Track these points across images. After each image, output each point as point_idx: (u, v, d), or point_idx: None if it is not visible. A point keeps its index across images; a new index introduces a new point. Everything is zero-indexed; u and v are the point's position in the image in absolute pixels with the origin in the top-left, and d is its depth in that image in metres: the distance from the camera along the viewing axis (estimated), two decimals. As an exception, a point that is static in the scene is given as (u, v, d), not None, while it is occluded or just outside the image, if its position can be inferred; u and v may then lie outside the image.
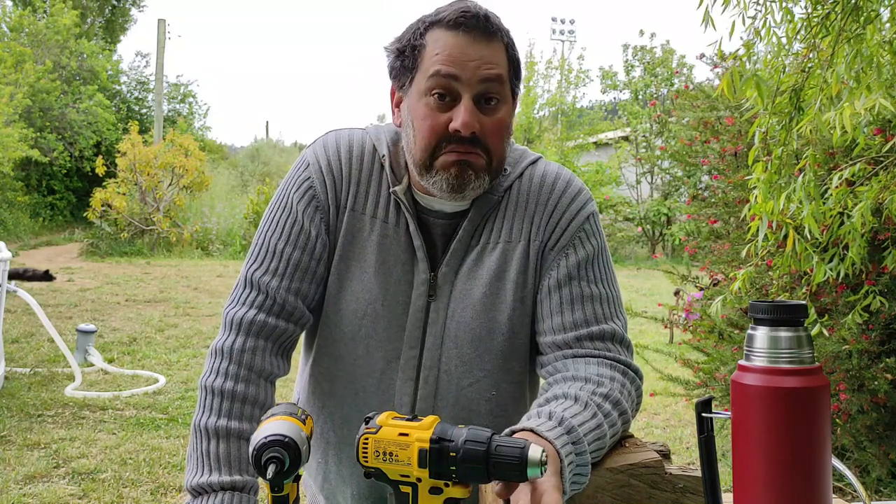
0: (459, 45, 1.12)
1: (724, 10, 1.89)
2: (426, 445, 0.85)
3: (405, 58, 1.16)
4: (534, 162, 1.28)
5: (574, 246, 1.22)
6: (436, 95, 1.13)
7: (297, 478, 0.94)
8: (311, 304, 1.23)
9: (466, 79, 1.11)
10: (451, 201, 1.19)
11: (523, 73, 1.25)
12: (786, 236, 2.15)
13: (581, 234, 1.23)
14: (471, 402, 1.23)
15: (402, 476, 0.87)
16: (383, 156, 1.24)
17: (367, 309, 1.21)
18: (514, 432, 0.97)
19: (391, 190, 1.22)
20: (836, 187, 2.17)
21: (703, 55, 4.32)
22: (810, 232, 2.00)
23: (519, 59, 1.19)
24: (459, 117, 1.11)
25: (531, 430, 0.96)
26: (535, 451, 0.83)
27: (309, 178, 1.24)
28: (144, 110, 23.15)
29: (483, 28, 1.12)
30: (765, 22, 1.90)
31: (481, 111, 1.13)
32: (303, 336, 1.34)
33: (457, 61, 1.11)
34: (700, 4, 1.88)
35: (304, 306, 1.21)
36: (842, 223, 2.21)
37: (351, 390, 1.25)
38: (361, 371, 1.24)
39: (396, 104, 1.22)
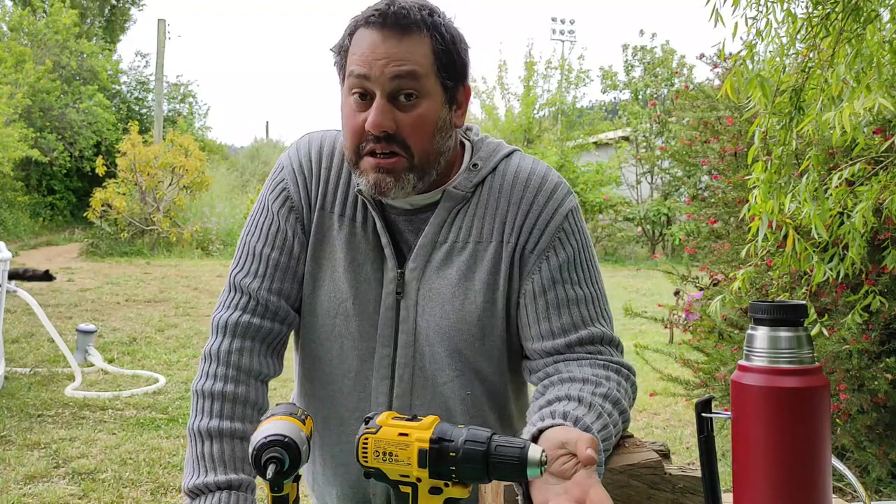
0: (371, 44, 1.12)
1: (734, 11, 1.89)
2: (426, 445, 0.85)
3: (338, 58, 1.18)
4: (508, 155, 1.25)
5: (554, 248, 1.19)
6: (356, 95, 1.13)
7: (297, 478, 0.94)
8: (294, 303, 1.25)
9: (376, 77, 1.11)
10: (377, 197, 1.19)
11: (469, 61, 1.19)
12: (786, 236, 2.15)
13: (560, 235, 1.20)
14: (447, 401, 1.22)
15: (402, 476, 0.87)
16: None
17: (339, 308, 1.22)
18: (541, 431, 0.96)
19: (356, 189, 1.22)
20: (836, 187, 2.17)
21: (703, 55, 4.33)
22: (817, 232, 2.00)
23: (452, 47, 1.15)
24: (370, 117, 1.12)
25: (564, 425, 0.96)
26: (534, 452, 0.83)
27: (283, 179, 1.26)
28: (144, 110, 23.13)
29: (393, 24, 1.11)
30: (767, 22, 1.90)
31: (399, 108, 1.12)
32: (294, 338, 1.35)
33: (367, 60, 1.11)
34: (708, 2, 1.87)
35: (287, 306, 1.23)
36: (842, 223, 2.21)
37: (329, 390, 1.26)
38: (338, 371, 1.24)
39: None
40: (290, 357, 1.31)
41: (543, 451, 0.84)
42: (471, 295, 1.20)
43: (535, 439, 0.95)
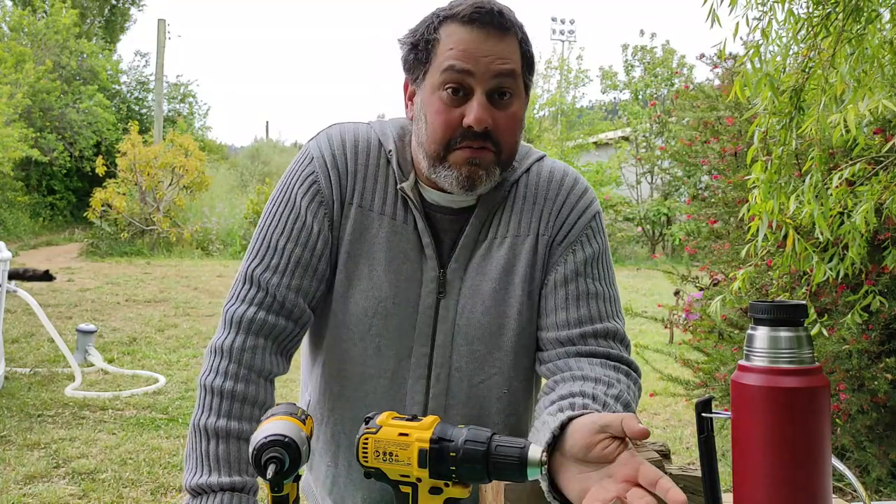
0: (474, 41, 1.12)
1: (731, 11, 1.89)
2: (426, 445, 0.85)
3: (419, 51, 1.16)
4: (539, 159, 1.29)
5: (581, 243, 1.23)
6: (449, 90, 1.12)
7: (297, 478, 0.94)
8: (311, 301, 1.21)
9: (480, 74, 1.12)
10: (460, 196, 1.19)
11: (536, 66, 1.25)
12: (786, 236, 2.15)
13: (588, 232, 1.24)
14: (482, 401, 1.22)
15: (402, 476, 0.87)
16: (390, 151, 1.22)
17: (378, 307, 1.20)
18: (570, 419, 0.93)
19: (399, 186, 1.21)
20: (836, 187, 2.17)
21: (703, 55, 4.32)
22: (821, 232, 2.00)
23: (532, 53, 1.19)
24: (472, 112, 1.11)
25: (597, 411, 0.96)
26: (534, 452, 0.83)
27: (313, 172, 1.22)
28: (144, 110, 23.14)
29: (497, 23, 1.12)
30: (769, 23, 1.90)
31: (494, 105, 1.13)
32: (307, 336, 1.33)
33: (471, 56, 1.11)
34: (705, 2, 1.87)
35: (305, 304, 1.20)
36: (842, 223, 2.21)
37: (361, 391, 1.23)
38: (372, 371, 1.22)
39: (409, 97, 1.22)
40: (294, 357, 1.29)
41: (543, 451, 0.84)
42: (511, 289, 1.21)
43: (562, 427, 0.93)
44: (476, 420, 1.22)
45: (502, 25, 1.13)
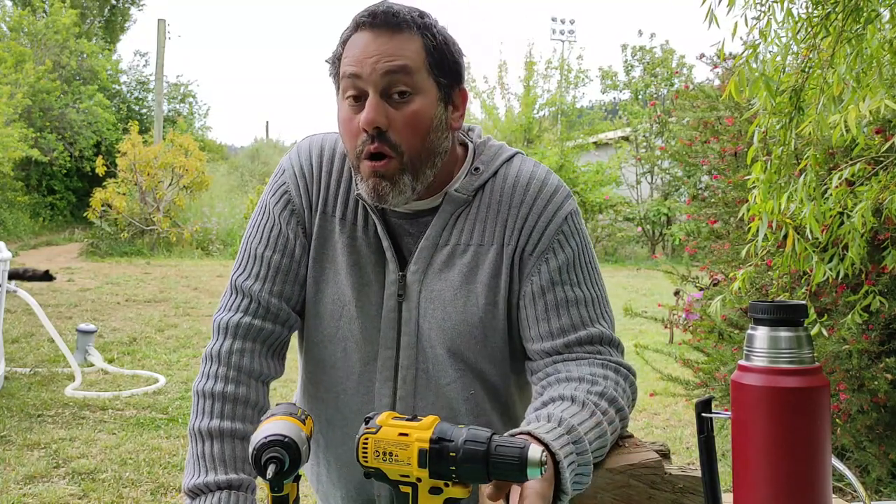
0: (362, 44, 1.12)
1: (728, 11, 1.88)
2: (426, 445, 0.85)
3: (333, 67, 1.19)
4: (509, 159, 1.25)
5: (554, 250, 1.20)
6: (350, 98, 1.14)
7: (298, 478, 0.94)
8: (295, 305, 1.25)
9: (367, 75, 1.11)
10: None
11: (465, 60, 1.20)
12: (786, 236, 2.15)
13: (560, 237, 1.20)
14: (450, 402, 1.23)
15: (402, 476, 0.87)
16: None
17: (343, 311, 1.23)
18: (512, 436, 0.97)
19: (356, 193, 1.22)
20: (836, 187, 2.17)
21: (702, 55, 4.33)
22: (811, 232, 2.00)
23: (444, 46, 1.15)
24: (363, 114, 1.12)
25: (528, 433, 0.96)
26: (534, 452, 0.83)
27: (284, 183, 1.26)
28: (144, 110, 23.13)
29: (384, 22, 1.12)
30: (768, 22, 1.90)
31: (391, 105, 1.12)
32: (297, 340, 1.35)
33: (358, 60, 1.12)
34: (703, 3, 1.87)
35: (288, 308, 1.24)
36: (842, 223, 2.21)
37: (332, 392, 1.27)
38: (341, 373, 1.25)
39: None
40: (293, 358, 1.31)
41: (544, 451, 0.84)
42: (472, 297, 1.20)
43: None
44: (445, 421, 1.22)
45: (390, 23, 1.12)
